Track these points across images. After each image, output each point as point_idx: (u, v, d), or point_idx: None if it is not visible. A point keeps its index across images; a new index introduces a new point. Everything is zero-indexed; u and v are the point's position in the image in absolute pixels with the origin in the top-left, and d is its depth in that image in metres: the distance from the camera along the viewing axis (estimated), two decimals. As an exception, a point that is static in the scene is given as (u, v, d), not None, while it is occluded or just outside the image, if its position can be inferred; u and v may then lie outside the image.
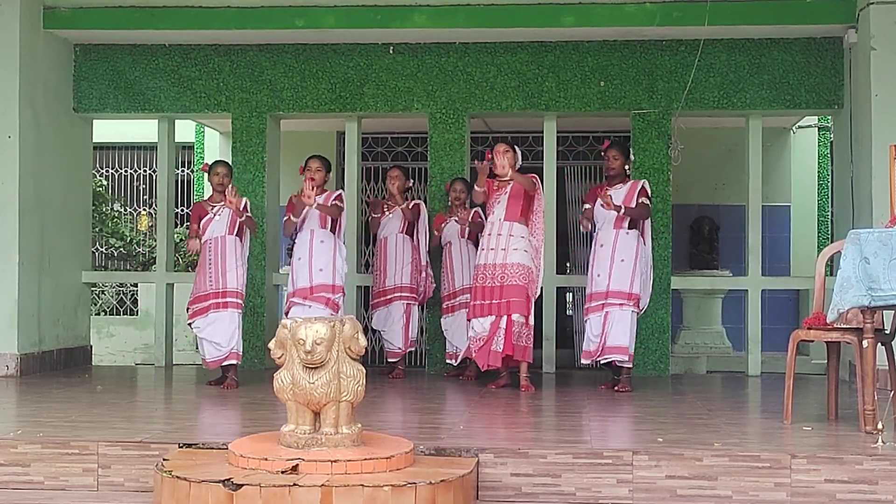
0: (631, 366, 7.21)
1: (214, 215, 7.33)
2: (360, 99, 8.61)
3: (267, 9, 8.20)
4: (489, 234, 7.25)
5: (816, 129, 11.44)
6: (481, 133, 11.13)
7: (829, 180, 11.14)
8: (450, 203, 8.13)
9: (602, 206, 7.11)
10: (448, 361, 8.11)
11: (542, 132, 8.75)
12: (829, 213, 11.23)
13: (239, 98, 8.71)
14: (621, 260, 7.12)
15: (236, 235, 7.35)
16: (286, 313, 7.32)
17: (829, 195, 11.18)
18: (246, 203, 7.36)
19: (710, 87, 8.35)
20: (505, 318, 7.12)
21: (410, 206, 8.03)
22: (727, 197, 11.24)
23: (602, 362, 7.26)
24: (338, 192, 7.53)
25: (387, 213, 8.09)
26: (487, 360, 7.15)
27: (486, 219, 7.38)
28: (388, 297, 8.01)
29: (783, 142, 11.45)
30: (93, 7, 8.34)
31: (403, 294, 7.99)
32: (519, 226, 7.23)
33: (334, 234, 7.45)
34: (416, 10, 8.11)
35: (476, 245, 7.83)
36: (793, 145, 11.49)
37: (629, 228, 7.18)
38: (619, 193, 7.21)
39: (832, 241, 8.63)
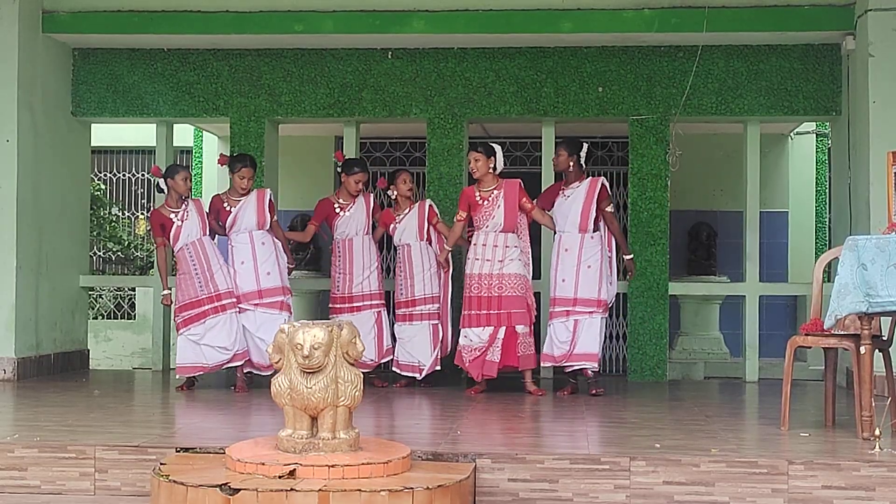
0: (597, 368, 7.20)
1: (182, 222, 7.24)
2: (359, 104, 8.61)
3: (266, 13, 8.21)
4: (483, 245, 7.17)
5: (814, 135, 11.47)
6: (479, 138, 11.13)
7: (827, 186, 11.16)
8: (395, 198, 7.70)
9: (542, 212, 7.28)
10: (408, 374, 7.59)
11: (541, 137, 8.75)
12: (827, 220, 11.25)
13: (237, 103, 8.71)
14: (588, 266, 7.09)
15: (209, 235, 7.35)
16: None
17: (827, 201, 11.20)
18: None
19: (708, 94, 8.35)
20: (504, 328, 7.12)
21: (372, 208, 7.69)
22: (725, 203, 11.26)
23: (568, 370, 7.22)
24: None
25: (340, 213, 7.60)
26: (482, 369, 7.16)
27: (475, 227, 7.25)
28: (356, 304, 7.58)
29: (781, 148, 11.47)
30: (92, 11, 8.33)
31: (374, 302, 7.61)
32: (512, 235, 7.21)
33: (271, 233, 7.40)
34: (414, 16, 8.12)
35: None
36: (791, 151, 11.52)
37: (593, 232, 7.16)
38: (577, 193, 7.14)
39: (830, 248, 8.64)
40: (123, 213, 12.59)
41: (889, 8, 7.43)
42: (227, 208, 7.37)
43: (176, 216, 7.25)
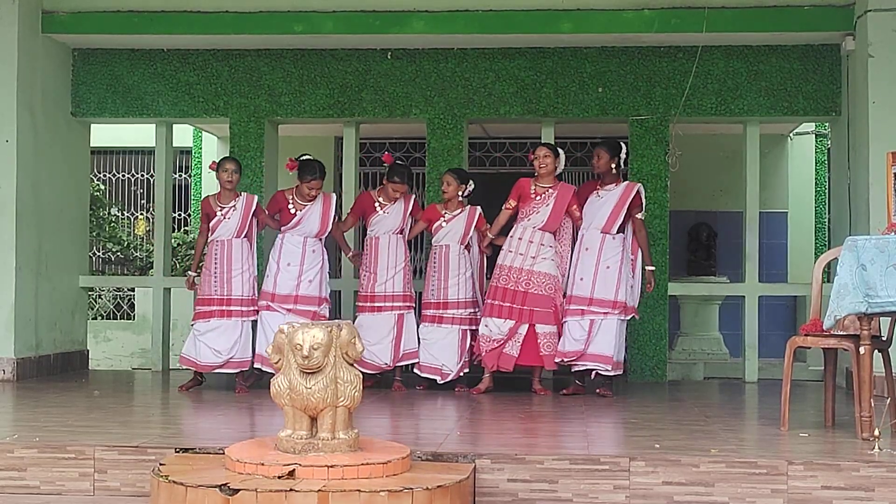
0: (617, 373, 7.15)
1: (224, 217, 7.27)
2: (359, 104, 8.61)
3: (266, 14, 8.21)
4: (519, 238, 7.20)
5: (814, 135, 11.48)
6: (479, 139, 11.15)
7: (827, 187, 11.17)
8: (445, 198, 7.56)
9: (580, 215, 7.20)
10: (428, 376, 7.42)
11: (541, 138, 8.74)
12: (827, 220, 11.25)
13: (237, 103, 8.71)
14: (606, 267, 7.09)
15: (244, 237, 7.33)
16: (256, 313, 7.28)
17: (827, 202, 11.20)
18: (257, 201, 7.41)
19: (708, 94, 8.36)
20: (526, 325, 7.13)
21: (411, 209, 7.54)
22: (725, 203, 11.26)
23: (575, 370, 7.20)
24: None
25: (379, 211, 7.50)
26: (497, 361, 7.17)
27: (517, 219, 7.27)
28: (377, 304, 7.43)
29: (781, 148, 11.47)
30: (91, 11, 8.34)
31: (396, 304, 7.42)
32: (549, 235, 7.22)
33: (322, 242, 7.41)
34: (414, 16, 8.12)
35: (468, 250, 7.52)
36: (790, 152, 11.52)
37: (616, 233, 7.16)
38: (610, 196, 7.15)
39: (829, 248, 8.64)
40: (123, 214, 12.59)
41: (889, 8, 7.43)
42: (292, 210, 7.31)
43: (221, 210, 7.26)
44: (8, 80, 7.88)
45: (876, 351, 5.26)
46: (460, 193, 7.49)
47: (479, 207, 7.60)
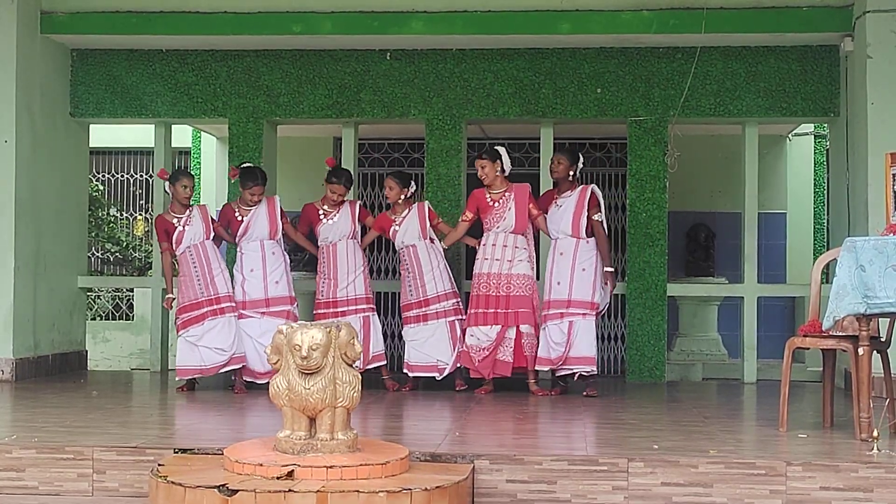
0: (596, 371, 7.21)
1: (184, 226, 7.28)
2: (357, 105, 8.61)
3: (264, 14, 8.20)
4: (493, 245, 7.24)
5: (812, 136, 11.47)
6: (478, 139, 11.14)
7: (825, 188, 11.16)
8: (389, 201, 7.60)
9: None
10: (423, 375, 7.45)
11: (539, 139, 8.75)
12: (825, 221, 11.25)
13: (236, 103, 8.70)
14: (582, 269, 7.15)
15: (212, 240, 7.38)
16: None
17: (825, 203, 11.20)
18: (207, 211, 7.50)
19: (706, 95, 8.36)
20: (513, 328, 7.18)
21: (359, 214, 7.57)
22: (723, 204, 11.26)
23: (559, 374, 7.24)
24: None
25: (323, 219, 7.50)
26: (493, 368, 7.20)
27: (485, 228, 7.31)
28: (340, 309, 7.41)
29: (779, 149, 11.47)
30: (90, 12, 8.33)
31: (360, 307, 7.45)
32: (521, 237, 7.28)
33: (281, 245, 7.47)
34: (413, 17, 8.11)
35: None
36: (789, 153, 11.51)
37: (588, 237, 7.20)
38: (569, 201, 7.20)
39: (828, 249, 8.64)
40: (122, 214, 12.58)
41: (887, 10, 7.43)
42: (239, 218, 7.39)
43: (179, 221, 7.30)
44: (6, 81, 7.87)
45: (874, 352, 5.26)
46: (403, 196, 7.49)
47: (427, 202, 7.67)
